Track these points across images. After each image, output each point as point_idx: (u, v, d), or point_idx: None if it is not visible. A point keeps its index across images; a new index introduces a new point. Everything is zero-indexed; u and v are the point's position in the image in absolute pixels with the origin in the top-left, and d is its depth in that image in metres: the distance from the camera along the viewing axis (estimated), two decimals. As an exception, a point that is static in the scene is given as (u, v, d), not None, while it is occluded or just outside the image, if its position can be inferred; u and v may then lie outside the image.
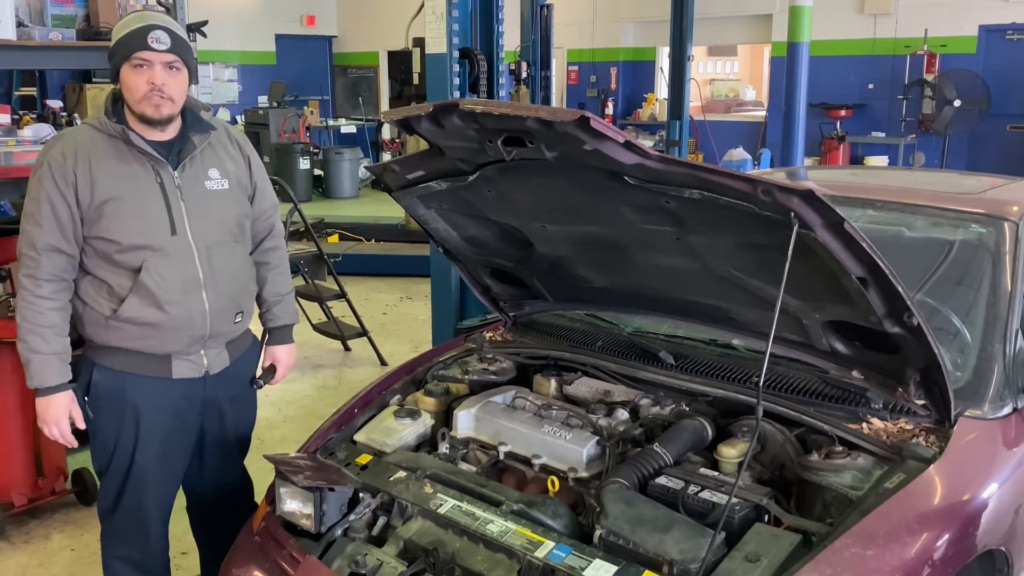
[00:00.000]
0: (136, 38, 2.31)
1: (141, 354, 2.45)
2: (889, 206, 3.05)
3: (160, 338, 2.43)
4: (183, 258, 2.41)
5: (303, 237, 6.76)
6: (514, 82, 7.51)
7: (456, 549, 2.05)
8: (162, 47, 2.32)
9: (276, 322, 2.80)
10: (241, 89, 15.06)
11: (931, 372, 2.15)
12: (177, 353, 2.48)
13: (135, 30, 2.32)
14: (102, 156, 2.37)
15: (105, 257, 2.38)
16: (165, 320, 2.40)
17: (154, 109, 2.36)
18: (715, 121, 12.80)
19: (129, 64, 2.33)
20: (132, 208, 2.37)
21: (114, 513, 2.58)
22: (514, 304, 3.07)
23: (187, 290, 2.41)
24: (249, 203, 2.62)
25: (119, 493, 2.55)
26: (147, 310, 2.38)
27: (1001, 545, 2.13)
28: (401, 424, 2.57)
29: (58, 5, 4.47)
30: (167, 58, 2.34)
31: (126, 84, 2.36)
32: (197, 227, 2.44)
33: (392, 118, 2.25)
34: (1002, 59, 10.06)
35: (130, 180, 2.38)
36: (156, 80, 2.33)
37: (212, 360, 2.55)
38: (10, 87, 9.79)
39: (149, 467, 2.53)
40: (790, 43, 8.65)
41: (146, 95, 2.34)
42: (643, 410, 2.52)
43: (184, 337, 2.46)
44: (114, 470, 2.54)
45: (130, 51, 2.32)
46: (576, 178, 2.18)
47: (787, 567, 1.82)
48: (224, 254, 2.50)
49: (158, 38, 2.32)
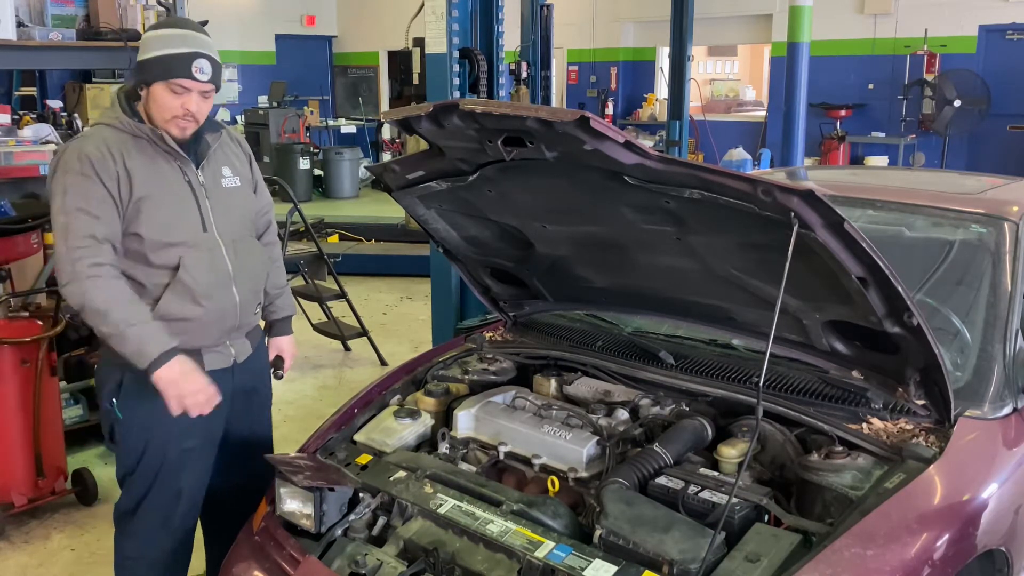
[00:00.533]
0: (181, 64, 2.32)
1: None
2: (889, 206, 3.05)
3: (194, 332, 2.46)
4: (214, 253, 2.47)
5: (303, 237, 6.76)
6: (514, 82, 7.51)
7: (456, 549, 2.05)
8: (204, 78, 2.36)
9: (279, 314, 2.87)
10: (241, 89, 15.05)
11: (931, 372, 2.15)
12: (207, 347, 2.52)
13: (181, 55, 2.33)
14: (132, 155, 2.38)
15: (139, 255, 2.39)
16: (201, 314, 2.44)
17: (180, 131, 2.40)
18: (715, 121, 12.80)
19: (166, 85, 2.34)
20: (167, 205, 2.40)
21: (135, 515, 2.56)
22: (514, 304, 3.07)
23: (220, 284, 2.48)
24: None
25: (145, 493, 2.54)
26: (184, 306, 2.41)
27: (1001, 545, 2.13)
28: (401, 424, 2.57)
29: (58, 5, 4.48)
30: (206, 88, 2.38)
31: (157, 101, 2.36)
32: (222, 223, 2.50)
33: (392, 118, 2.25)
34: (1002, 59, 10.06)
35: (162, 178, 2.41)
36: (191, 107, 2.37)
37: (238, 350, 2.62)
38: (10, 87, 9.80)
39: (181, 465, 2.53)
40: (790, 43, 8.65)
41: (176, 116, 2.37)
42: (643, 410, 2.52)
43: (217, 330, 2.52)
44: (143, 470, 2.52)
45: (171, 74, 2.33)
46: (576, 178, 2.18)
47: (787, 567, 1.82)
48: (247, 248, 2.59)
49: (202, 68, 2.35)
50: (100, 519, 3.82)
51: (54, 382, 3.82)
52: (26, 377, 3.61)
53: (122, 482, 2.60)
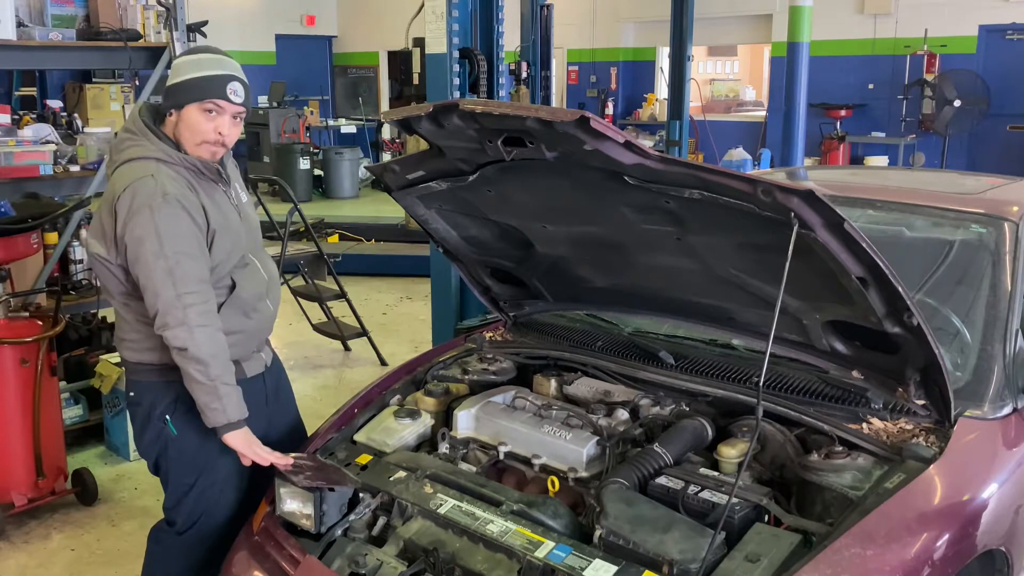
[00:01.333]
0: (216, 85, 2.36)
1: None
2: (889, 206, 3.05)
3: (243, 345, 2.52)
4: (253, 268, 2.57)
5: (303, 237, 6.75)
6: (514, 82, 7.50)
7: (456, 549, 2.05)
8: (238, 100, 2.39)
9: None
10: (241, 89, 15.05)
11: (931, 372, 2.15)
12: (244, 357, 2.56)
13: (216, 76, 2.36)
14: (192, 187, 2.39)
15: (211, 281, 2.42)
16: (250, 326, 2.53)
17: (211, 156, 2.42)
18: (715, 121, 12.80)
19: (200, 106, 2.36)
20: (229, 231, 2.46)
21: (186, 533, 2.54)
22: (514, 304, 3.07)
23: (261, 296, 2.57)
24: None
25: (203, 512, 2.52)
26: (237, 320, 2.48)
27: (1001, 545, 2.13)
28: (401, 424, 2.57)
29: (58, 5, 4.48)
30: (238, 110, 2.41)
31: (190, 124, 2.37)
32: (252, 239, 2.60)
33: (392, 118, 2.25)
34: (1002, 59, 10.06)
35: (220, 205, 2.46)
36: (223, 130, 2.40)
37: (267, 354, 2.71)
38: (10, 87, 9.80)
39: (237, 474, 2.53)
40: (790, 43, 8.65)
41: (207, 141, 2.39)
42: (643, 410, 2.52)
43: (258, 340, 2.61)
44: (202, 486, 2.51)
45: (206, 95, 2.35)
46: (576, 178, 2.18)
47: (787, 567, 1.82)
48: (268, 259, 2.69)
49: (236, 91, 2.38)
50: (100, 519, 3.82)
51: (54, 382, 3.82)
52: (26, 377, 3.61)
53: (175, 505, 2.55)
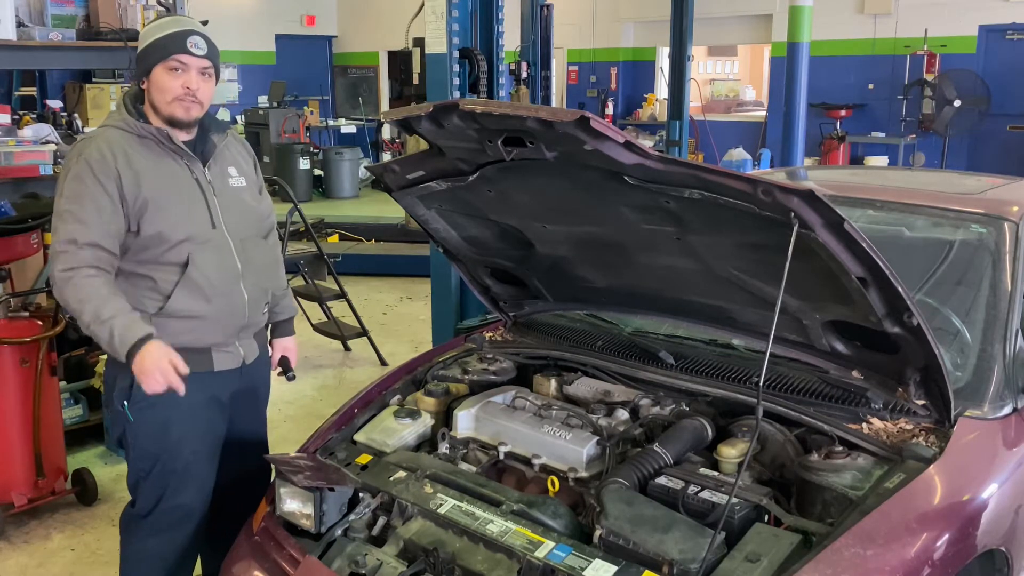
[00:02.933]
0: (175, 41, 2.38)
1: (183, 349, 2.43)
2: (889, 206, 3.05)
3: (204, 330, 2.48)
4: (223, 250, 2.50)
5: (303, 237, 6.76)
6: (514, 82, 7.51)
7: (456, 549, 2.05)
8: (200, 52, 2.40)
9: (282, 315, 2.87)
10: (241, 89, 15.03)
11: (931, 372, 2.15)
12: (216, 345, 2.54)
13: (174, 33, 2.38)
14: (138, 154, 2.41)
15: (149, 253, 2.42)
16: (210, 311, 2.47)
17: (184, 111, 2.42)
18: (715, 121, 12.80)
19: (165, 66, 2.38)
20: (176, 203, 2.43)
21: (148, 517, 2.56)
22: (514, 304, 3.07)
23: (229, 281, 2.50)
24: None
25: (161, 496, 2.54)
26: (194, 302, 2.44)
27: (1001, 545, 2.13)
28: (401, 424, 2.57)
29: (58, 5, 4.48)
30: (203, 64, 2.42)
31: (158, 85, 2.40)
32: (230, 221, 2.53)
33: (392, 118, 2.25)
34: (1002, 59, 10.06)
35: (171, 177, 2.44)
36: (191, 84, 2.40)
37: (247, 350, 2.64)
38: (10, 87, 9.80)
39: (197, 463, 2.55)
40: (790, 43, 8.65)
41: (179, 97, 2.40)
42: (643, 410, 2.52)
43: (226, 328, 2.54)
44: (159, 473, 2.52)
45: (168, 53, 2.37)
46: (576, 178, 2.18)
47: (787, 567, 1.82)
48: (255, 246, 2.61)
49: (197, 43, 2.39)
50: (100, 519, 3.82)
51: (54, 382, 3.81)
52: (26, 377, 3.61)
53: (135, 485, 2.58)
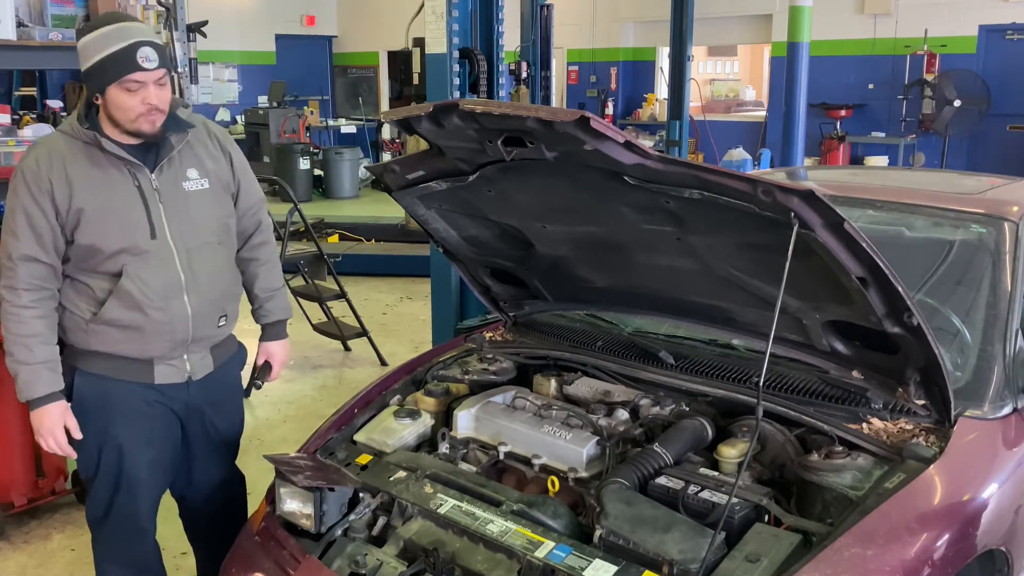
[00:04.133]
0: (126, 59, 2.24)
1: (123, 358, 2.41)
2: (889, 206, 3.05)
3: (142, 342, 2.39)
4: (163, 262, 2.38)
5: (303, 237, 6.76)
6: (514, 82, 7.51)
7: (456, 549, 2.05)
8: (153, 65, 2.27)
9: (269, 318, 2.77)
10: (241, 89, 15.05)
11: (931, 372, 2.15)
12: (159, 358, 2.44)
13: (123, 49, 2.24)
14: (77, 162, 2.32)
15: (85, 262, 2.35)
16: (146, 324, 2.37)
17: (151, 125, 2.32)
18: (715, 121, 12.80)
19: (119, 86, 2.26)
20: (110, 213, 2.33)
21: (106, 519, 2.54)
22: (514, 304, 3.07)
23: (168, 294, 2.38)
24: (232, 202, 2.58)
25: (110, 500, 2.51)
26: (128, 313, 2.35)
27: (1001, 545, 2.13)
28: (401, 424, 2.57)
29: (58, 5, 4.48)
30: (158, 75, 2.29)
31: (117, 104, 2.29)
32: (177, 230, 2.40)
33: (392, 118, 2.25)
34: (1002, 59, 10.06)
35: (107, 185, 2.34)
36: (152, 100, 2.29)
37: (195, 365, 2.52)
38: (10, 87, 9.79)
39: (137, 472, 2.48)
40: (790, 43, 8.65)
41: (142, 114, 2.30)
42: (643, 410, 2.52)
43: (166, 341, 2.42)
44: (102, 477, 2.49)
45: (120, 73, 2.25)
46: (576, 178, 2.18)
47: (787, 567, 1.82)
48: (206, 257, 2.47)
49: (148, 56, 2.26)
50: (100, 519, 3.82)
51: (54, 382, 3.81)
52: (26, 377, 3.61)
53: (88, 485, 2.56)
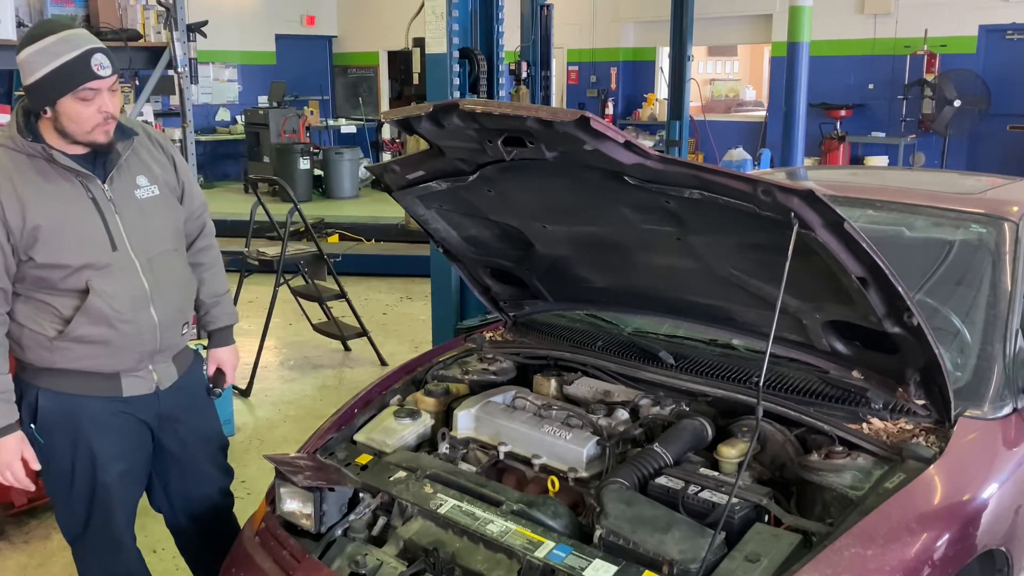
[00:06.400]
0: (79, 67, 2.15)
1: (89, 374, 2.34)
2: (889, 206, 3.05)
3: (109, 356, 2.33)
4: (127, 273, 2.31)
5: (303, 237, 6.75)
6: (514, 82, 7.50)
7: (456, 549, 2.05)
8: (107, 72, 2.19)
9: (216, 324, 2.71)
10: (241, 89, 15.04)
11: (931, 372, 2.15)
12: (126, 371, 2.38)
13: (76, 58, 2.14)
14: (27, 178, 2.21)
15: (45, 281, 2.26)
16: (116, 337, 2.30)
17: (106, 135, 2.25)
18: (715, 121, 12.80)
19: (74, 96, 2.16)
20: (68, 228, 2.23)
21: (84, 535, 2.48)
22: (514, 304, 3.07)
23: (136, 306, 2.32)
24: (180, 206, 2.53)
25: (87, 516, 2.44)
26: (96, 329, 2.28)
27: (1001, 545, 2.13)
28: (401, 424, 2.57)
29: (58, 5, 4.48)
30: (111, 82, 2.21)
31: (71, 116, 2.18)
32: (136, 239, 2.33)
33: (392, 118, 2.25)
34: (1002, 59, 10.06)
35: (61, 200, 2.24)
36: (107, 108, 2.20)
37: (162, 375, 2.47)
38: (10, 87, 9.79)
39: (113, 486, 2.43)
40: (790, 43, 8.65)
41: (98, 124, 2.21)
42: (643, 410, 2.52)
43: (134, 353, 2.37)
44: (77, 495, 2.42)
45: (76, 83, 2.15)
46: (576, 178, 2.18)
47: (787, 567, 1.82)
48: (166, 264, 2.41)
49: (102, 63, 2.17)
50: (100, 519, 3.82)
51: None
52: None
53: (57, 511, 2.50)
